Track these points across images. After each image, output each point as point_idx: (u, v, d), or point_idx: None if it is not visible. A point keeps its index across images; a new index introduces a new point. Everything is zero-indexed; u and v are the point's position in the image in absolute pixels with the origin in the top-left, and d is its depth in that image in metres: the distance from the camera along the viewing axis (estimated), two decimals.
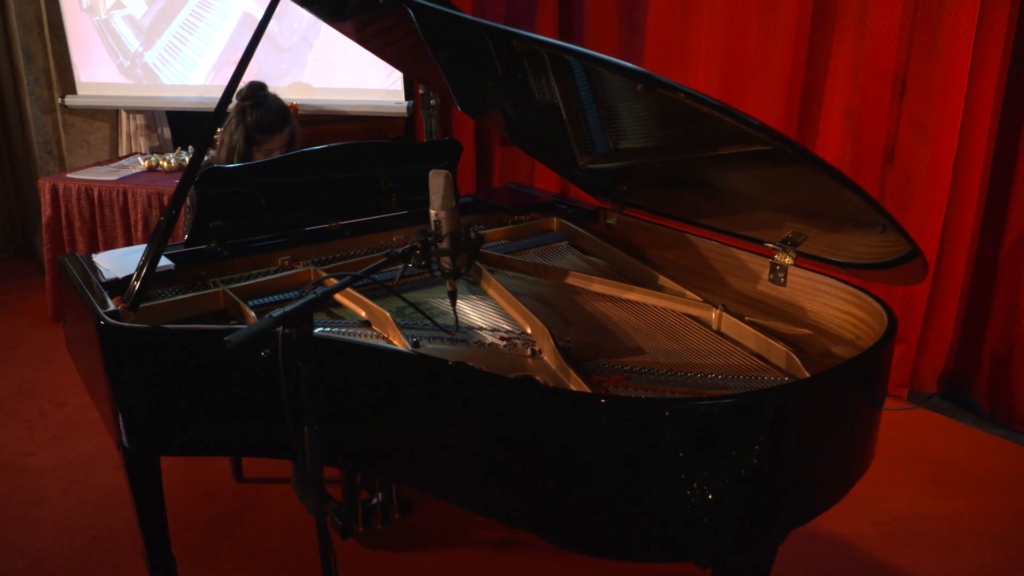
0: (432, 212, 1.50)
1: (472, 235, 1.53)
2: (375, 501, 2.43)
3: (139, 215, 3.76)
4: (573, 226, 2.46)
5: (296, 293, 2.05)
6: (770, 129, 1.41)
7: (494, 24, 1.69)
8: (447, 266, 1.52)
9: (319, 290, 1.30)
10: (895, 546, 2.49)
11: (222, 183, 2.13)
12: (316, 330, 1.80)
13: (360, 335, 1.82)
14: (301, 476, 2.62)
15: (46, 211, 3.92)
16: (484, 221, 2.57)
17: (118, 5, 4.20)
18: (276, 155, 2.50)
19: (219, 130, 2.54)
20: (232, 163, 2.49)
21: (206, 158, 2.25)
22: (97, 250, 3.86)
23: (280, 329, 1.27)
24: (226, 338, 1.18)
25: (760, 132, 1.41)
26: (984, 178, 3.18)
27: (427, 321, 1.83)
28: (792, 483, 1.50)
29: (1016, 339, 3.14)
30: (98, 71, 4.36)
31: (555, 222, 2.54)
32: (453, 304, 1.61)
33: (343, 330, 1.85)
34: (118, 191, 3.81)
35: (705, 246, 2.18)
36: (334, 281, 1.47)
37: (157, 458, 2.05)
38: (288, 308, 1.26)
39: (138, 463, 1.97)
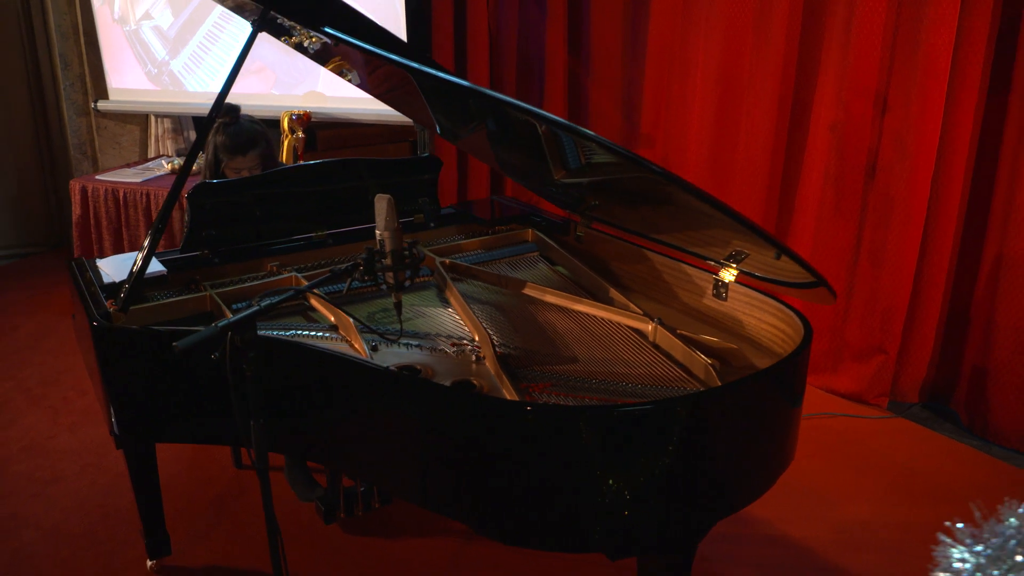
0: (377, 232, 1.67)
1: (415, 252, 1.70)
2: (360, 490, 2.61)
3: (148, 213, 4.00)
4: (545, 238, 2.61)
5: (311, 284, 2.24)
6: (643, 160, 1.55)
7: (463, 83, 1.84)
8: (391, 280, 1.69)
9: (263, 302, 1.48)
10: (851, 552, 2.58)
11: (212, 196, 2.33)
12: (289, 332, 2.00)
13: (327, 338, 2.00)
14: (292, 466, 2.81)
15: (76, 210, 4.18)
16: (464, 232, 2.73)
17: (147, 16, 4.45)
18: (245, 174, 2.65)
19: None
20: (208, 177, 2.67)
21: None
22: (122, 248, 4.14)
23: (228, 335, 1.46)
24: (174, 343, 1.37)
25: (636, 163, 1.56)
26: (964, 193, 3.26)
27: (393, 327, 2.02)
28: (704, 483, 1.64)
29: (993, 352, 3.21)
30: (128, 78, 4.63)
31: (530, 233, 2.70)
32: (398, 314, 1.78)
33: (314, 333, 2.04)
34: (142, 193, 4.06)
35: (660, 260, 2.32)
36: (306, 281, 1.65)
37: (152, 445, 2.27)
38: (234, 318, 1.44)
39: (134, 449, 2.18)
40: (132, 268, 2.03)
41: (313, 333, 2.03)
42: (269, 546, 1.65)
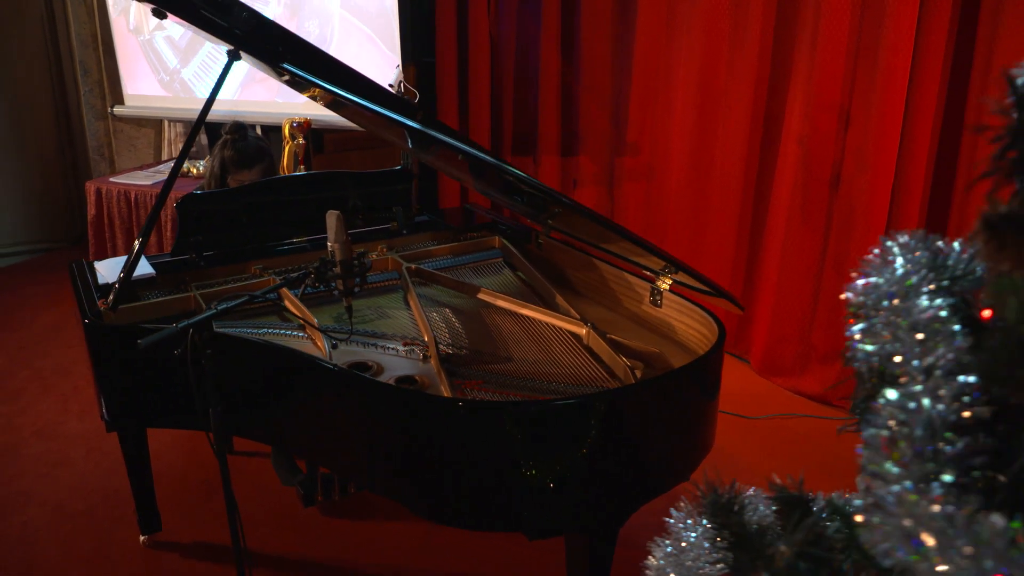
0: (328, 244, 1.88)
1: (363, 262, 1.90)
2: (336, 476, 2.83)
3: (168, 216, 4.25)
4: (509, 245, 2.81)
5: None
6: (530, 179, 1.75)
7: (407, 122, 2.05)
8: (340, 287, 1.90)
9: (220, 306, 1.70)
10: None
11: (200, 205, 2.56)
12: (261, 331, 2.22)
13: (294, 336, 2.22)
14: (277, 453, 3.04)
15: (91, 211, 4.45)
16: (437, 238, 2.94)
17: (159, 27, 4.71)
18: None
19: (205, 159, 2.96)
20: (211, 186, 2.91)
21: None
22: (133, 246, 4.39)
23: (189, 333, 1.67)
24: (138, 340, 1.59)
25: (547, 194, 1.74)
26: (923, 204, 3.40)
27: (359, 327, 2.23)
28: (620, 471, 1.84)
29: None
30: (142, 84, 4.89)
31: (497, 240, 2.89)
32: (349, 316, 1.99)
33: (283, 332, 2.25)
34: (151, 195, 4.31)
35: (607, 269, 2.51)
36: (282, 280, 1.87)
37: (143, 429, 2.50)
38: (193, 319, 1.66)
39: (125, 432, 2.41)
40: (120, 271, 2.26)
41: (282, 332, 2.25)
42: (228, 520, 1.87)
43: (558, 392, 1.92)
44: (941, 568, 0.47)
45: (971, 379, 0.53)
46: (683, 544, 0.78)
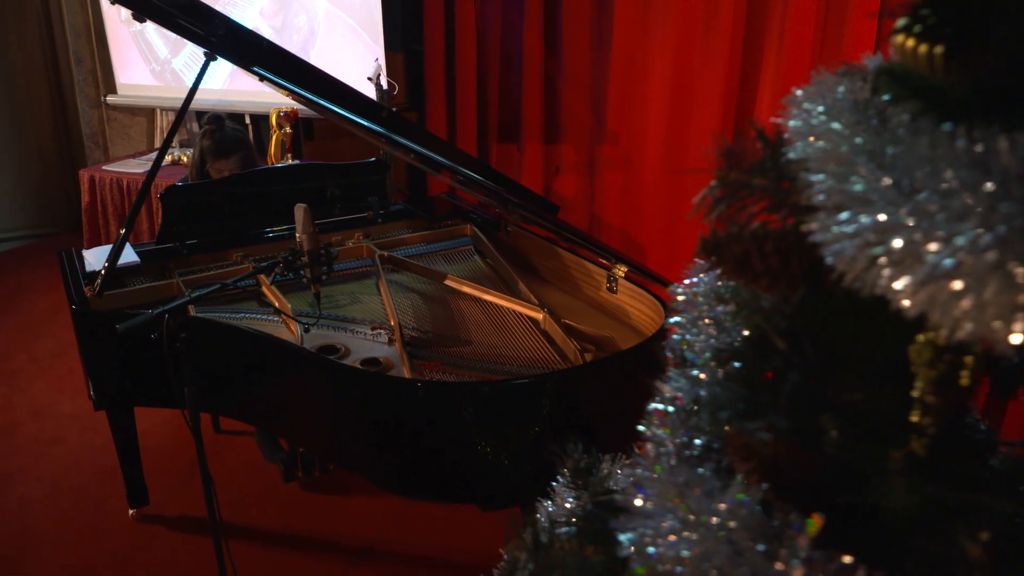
0: (297, 235, 2.01)
1: (329, 252, 2.04)
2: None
3: (158, 204, 4.38)
4: (479, 233, 2.94)
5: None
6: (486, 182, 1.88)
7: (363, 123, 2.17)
8: (308, 275, 2.03)
9: (193, 293, 1.83)
10: None
11: (182, 196, 2.69)
12: (239, 315, 2.35)
13: (269, 321, 2.35)
14: (261, 431, 3.18)
15: (84, 198, 4.58)
16: (412, 226, 3.07)
17: None
18: (226, 174, 3.00)
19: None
20: (193, 175, 3.03)
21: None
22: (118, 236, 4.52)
23: (165, 318, 1.81)
24: (117, 325, 1.72)
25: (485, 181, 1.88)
26: None
27: (331, 311, 2.37)
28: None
29: None
30: (134, 74, 5.00)
31: (469, 228, 3.02)
32: (317, 302, 2.13)
33: (259, 316, 2.39)
34: (142, 183, 4.43)
35: (568, 257, 2.64)
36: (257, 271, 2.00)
37: (130, 408, 2.65)
38: (168, 306, 1.79)
39: (113, 412, 2.56)
40: (106, 259, 2.39)
41: (259, 316, 2.39)
42: (204, 493, 2.02)
43: (511, 373, 2.05)
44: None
45: (737, 364, 0.67)
46: (559, 503, 0.92)
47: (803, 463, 0.58)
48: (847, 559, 0.54)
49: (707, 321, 0.73)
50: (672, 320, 0.80)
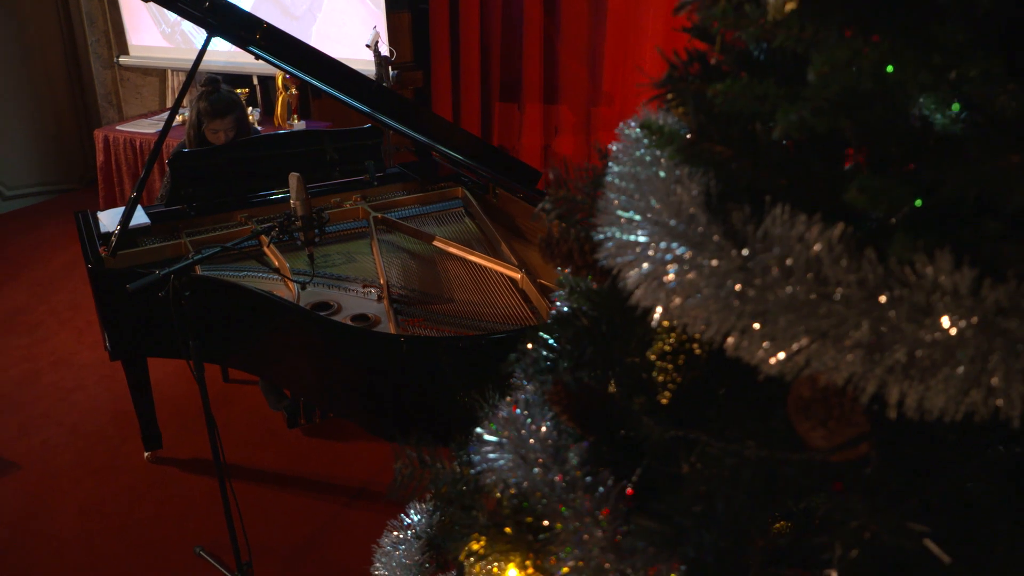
0: (291, 201, 2.19)
1: (321, 216, 2.22)
2: None
3: None
4: (469, 196, 3.11)
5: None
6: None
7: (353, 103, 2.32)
8: (301, 238, 2.21)
9: (195, 256, 2.02)
10: None
11: (190, 161, 2.87)
12: (241, 273, 2.54)
13: (268, 279, 2.55)
14: (267, 380, 3.40)
15: (99, 157, 4.76)
16: (407, 188, 3.24)
17: None
18: (221, 135, 3.13)
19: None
20: (191, 135, 3.18)
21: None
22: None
23: (171, 278, 2.00)
24: (127, 285, 1.91)
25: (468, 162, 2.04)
26: None
27: (329, 270, 2.56)
28: None
29: None
30: (145, 36, 5.15)
31: (460, 191, 3.19)
32: (311, 263, 2.31)
33: (260, 275, 2.58)
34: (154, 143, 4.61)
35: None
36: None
37: (143, 360, 2.86)
38: (175, 266, 1.98)
39: (128, 363, 2.77)
40: (119, 220, 2.58)
41: (260, 275, 2.58)
42: (208, 436, 2.22)
43: (487, 329, 2.24)
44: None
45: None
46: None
47: (595, 405, 0.78)
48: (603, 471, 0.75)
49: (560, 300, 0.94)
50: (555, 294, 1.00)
